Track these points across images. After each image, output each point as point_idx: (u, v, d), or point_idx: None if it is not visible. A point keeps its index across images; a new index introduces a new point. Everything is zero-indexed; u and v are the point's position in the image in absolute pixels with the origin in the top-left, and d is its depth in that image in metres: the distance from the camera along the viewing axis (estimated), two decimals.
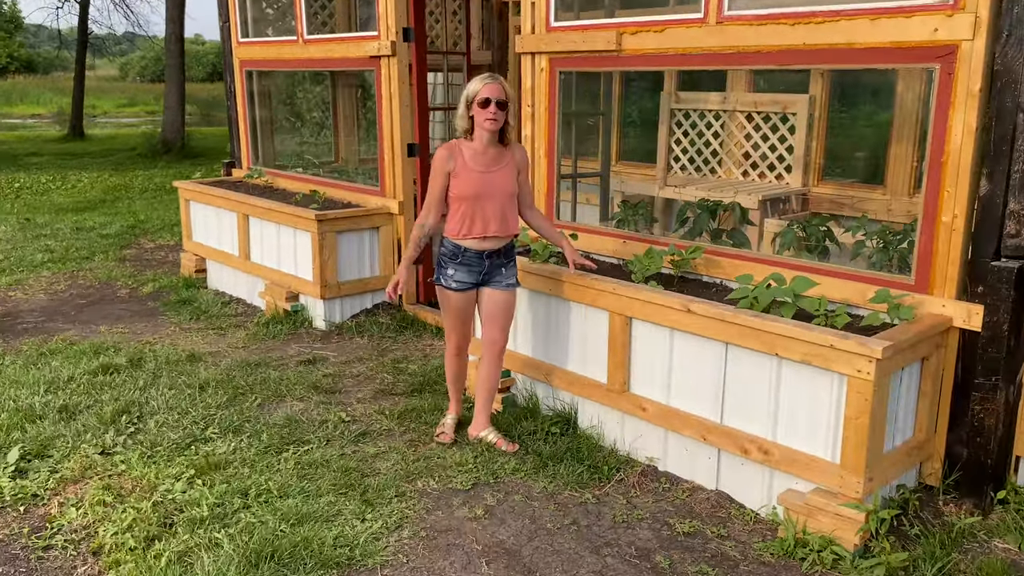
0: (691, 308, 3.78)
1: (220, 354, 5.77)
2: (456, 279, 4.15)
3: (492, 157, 4.13)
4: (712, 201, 4.83)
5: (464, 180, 4.07)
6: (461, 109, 4.05)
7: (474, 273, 4.16)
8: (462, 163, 4.08)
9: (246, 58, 7.80)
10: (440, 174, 4.09)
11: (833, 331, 3.38)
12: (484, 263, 4.16)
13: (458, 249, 4.12)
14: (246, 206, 6.84)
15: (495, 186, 4.10)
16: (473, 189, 4.06)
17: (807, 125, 6.81)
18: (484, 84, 3.98)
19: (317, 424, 4.59)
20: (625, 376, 4.17)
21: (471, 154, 4.10)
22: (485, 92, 3.97)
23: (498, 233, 4.13)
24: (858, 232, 4.38)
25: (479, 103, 3.97)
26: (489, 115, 3.98)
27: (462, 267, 4.14)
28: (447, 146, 4.13)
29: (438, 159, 4.10)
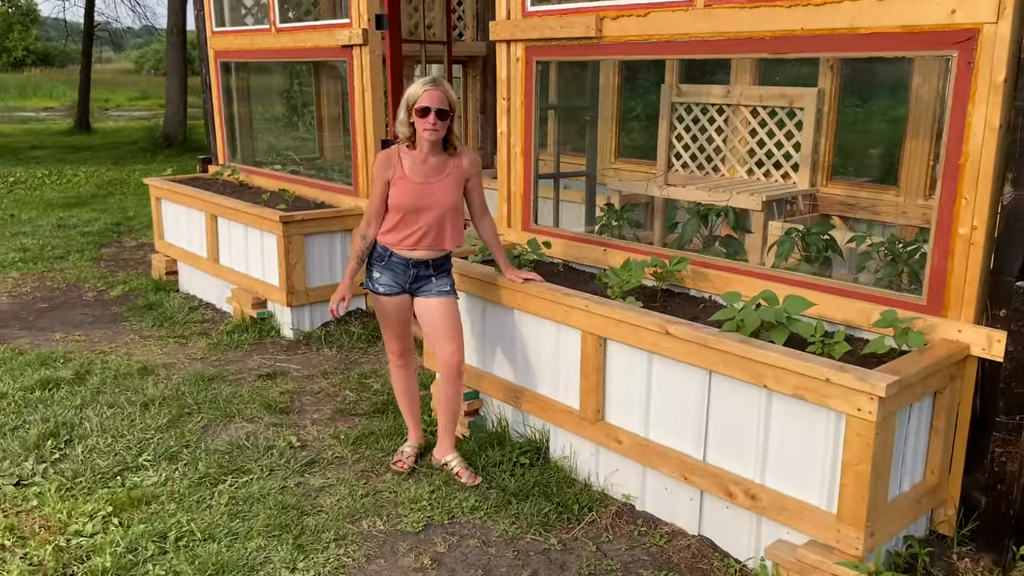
0: (670, 330, 3.32)
1: (175, 366, 5.36)
2: (382, 283, 3.82)
3: (433, 167, 3.73)
4: (703, 205, 4.37)
5: (401, 190, 3.68)
6: (401, 115, 3.67)
7: (400, 279, 3.80)
8: (400, 172, 3.71)
9: (220, 48, 7.38)
10: (379, 181, 3.74)
11: (830, 361, 2.91)
12: (410, 272, 3.79)
13: (385, 253, 3.78)
14: (214, 205, 6.42)
15: (433, 198, 3.70)
16: (409, 200, 3.68)
17: (815, 121, 6.33)
18: (424, 90, 3.58)
19: (262, 450, 4.17)
20: (599, 403, 3.72)
21: (411, 163, 3.71)
22: (424, 100, 3.57)
23: (431, 247, 3.76)
24: (863, 242, 3.89)
25: (417, 111, 3.59)
26: (428, 125, 3.60)
27: (387, 271, 3.80)
28: (386, 153, 3.76)
29: (377, 167, 3.75)
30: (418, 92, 3.59)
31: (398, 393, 4.08)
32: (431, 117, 3.59)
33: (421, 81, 3.63)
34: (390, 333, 3.93)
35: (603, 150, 7.98)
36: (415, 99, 3.59)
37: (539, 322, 3.95)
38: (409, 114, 3.63)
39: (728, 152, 6.79)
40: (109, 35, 31.83)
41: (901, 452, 3.05)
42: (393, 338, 3.94)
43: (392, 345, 3.97)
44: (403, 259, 3.75)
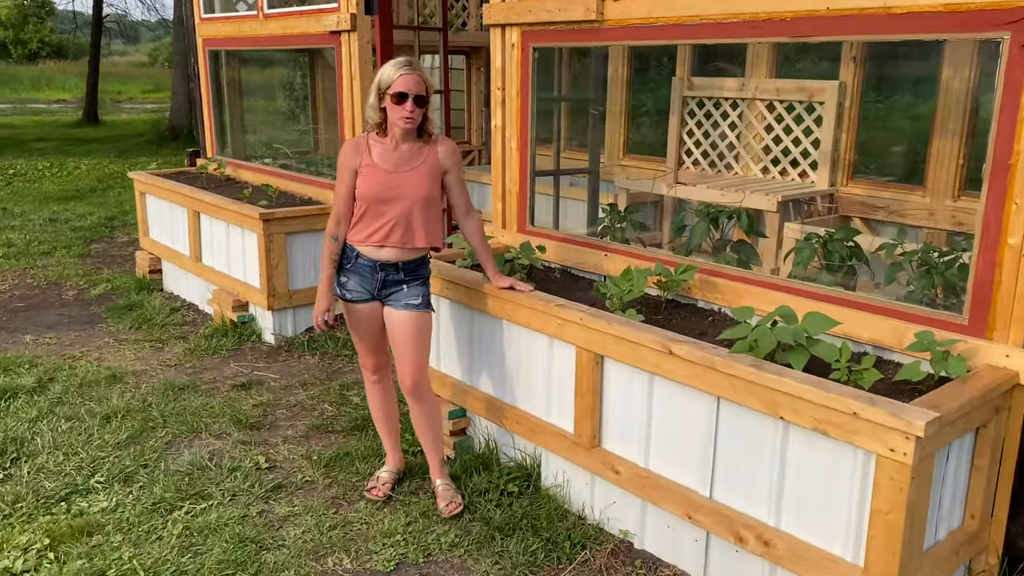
0: (673, 350, 2.92)
1: (146, 374, 5.01)
2: (350, 288, 3.44)
3: (404, 155, 3.36)
4: (713, 207, 3.98)
5: (367, 179, 3.32)
6: (372, 99, 3.29)
7: (367, 283, 3.42)
8: (368, 160, 3.34)
9: (208, 36, 7.02)
10: (346, 172, 3.37)
11: (857, 392, 2.51)
12: (377, 275, 3.39)
13: (352, 253, 3.40)
14: (195, 201, 6.07)
15: (403, 188, 3.33)
16: (375, 190, 3.31)
17: (836, 116, 5.92)
18: (400, 74, 3.21)
19: (226, 472, 3.80)
20: (594, 428, 3.33)
21: (381, 150, 3.35)
22: (401, 85, 3.20)
23: (399, 244, 3.36)
24: (895, 251, 3.48)
25: (392, 97, 3.22)
26: (405, 113, 3.23)
27: (354, 275, 3.42)
28: (353, 141, 3.40)
29: (343, 155, 3.38)
30: (393, 75, 3.21)
31: (374, 411, 3.70)
32: (408, 104, 3.23)
33: (395, 63, 3.26)
34: (362, 345, 3.56)
35: (611, 146, 7.58)
36: (389, 83, 3.22)
37: (530, 335, 3.57)
38: (380, 99, 3.26)
39: (742, 149, 6.39)
40: (119, 27, 31.59)
41: (938, 495, 2.65)
42: (366, 350, 3.57)
43: (365, 359, 3.59)
44: (369, 261, 3.37)
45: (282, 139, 7.70)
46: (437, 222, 3.46)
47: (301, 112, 7.67)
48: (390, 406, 3.69)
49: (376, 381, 3.64)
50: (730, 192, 5.76)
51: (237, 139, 7.38)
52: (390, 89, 3.22)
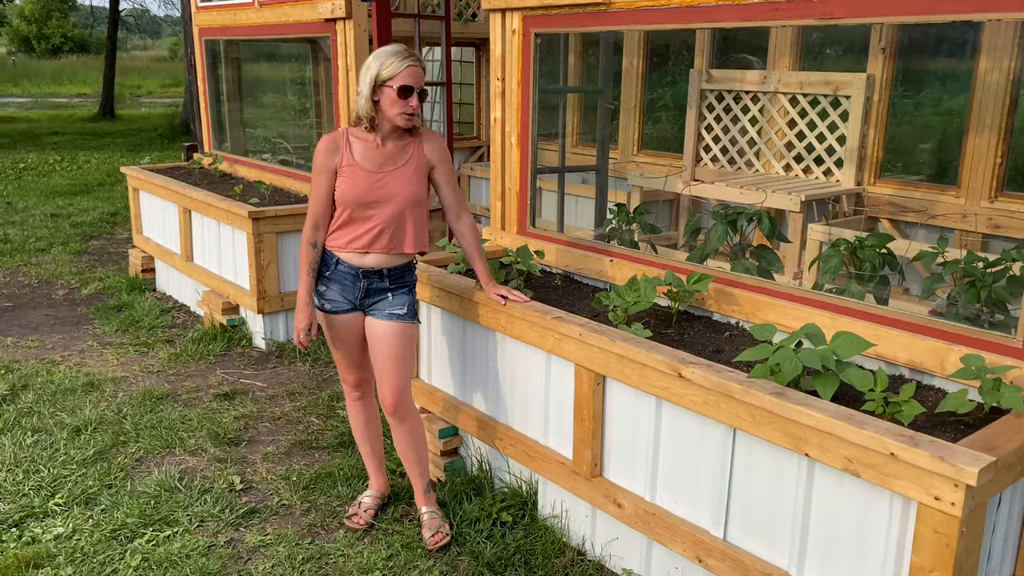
0: (684, 373, 2.58)
1: (125, 381, 4.72)
2: (328, 298, 3.11)
3: (390, 153, 3.03)
4: (731, 209, 3.63)
5: (349, 180, 2.99)
6: (365, 89, 2.92)
7: (348, 292, 3.09)
8: (349, 158, 3.01)
9: (205, 25, 6.73)
10: (323, 172, 3.02)
11: (896, 428, 2.16)
12: (360, 283, 3.07)
13: (331, 260, 3.08)
14: (185, 198, 5.78)
15: (389, 189, 3.00)
16: (358, 193, 2.98)
17: (864, 111, 5.55)
18: (405, 66, 2.87)
19: (197, 494, 3.50)
20: (596, 455, 3.00)
21: (363, 148, 3.02)
22: (406, 78, 2.88)
23: (387, 250, 3.04)
24: (934, 262, 3.12)
25: (397, 91, 2.88)
26: (409, 109, 2.91)
27: (333, 283, 3.09)
28: (330, 138, 3.04)
29: (319, 155, 3.03)
30: (396, 67, 2.87)
31: (356, 431, 3.39)
32: (414, 100, 2.90)
33: (396, 51, 2.90)
34: (343, 360, 3.24)
35: (625, 141, 7.24)
36: (393, 74, 2.87)
37: (526, 350, 3.24)
38: (374, 90, 2.91)
39: (763, 145, 6.03)
40: (135, 21, 31.51)
41: (987, 547, 2.30)
42: (347, 365, 3.25)
43: (346, 374, 3.27)
44: (351, 268, 3.05)
45: (281, 133, 7.41)
46: (425, 224, 3.14)
47: (301, 105, 7.37)
48: (373, 425, 3.37)
49: (358, 398, 3.32)
50: (750, 191, 5.41)
51: (235, 133, 7.09)
52: (392, 81, 2.87)
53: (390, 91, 2.88)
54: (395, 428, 3.19)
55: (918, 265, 3.44)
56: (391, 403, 3.12)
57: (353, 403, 3.33)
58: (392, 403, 3.12)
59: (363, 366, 3.24)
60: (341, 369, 3.27)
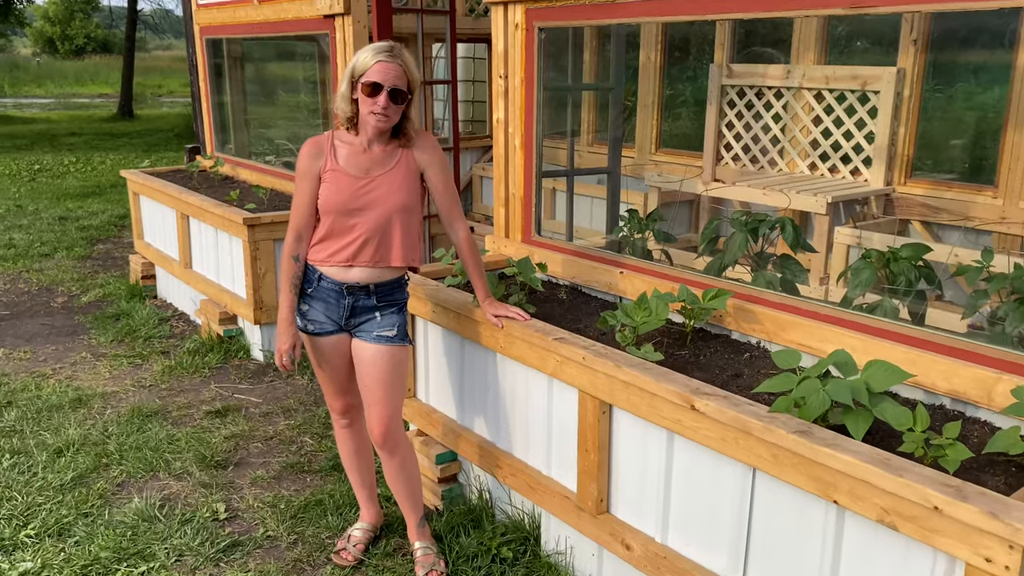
0: (697, 405, 2.31)
1: (115, 396, 4.51)
2: (311, 318, 2.86)
3: (377, 157, 2.78)
4: (752, 216, 3.35)
5: (332, 187, 2.74)
6: (343, 87, 2.71)
7: (333, 312, 2.83)
8: (332, 163, 2.76)
9: (205, 23, 6.53)
10: (305, 177, 2.79)
11: (941, 477, 1.88)
12: (344, 301, 2.81)
13: (313, 275, 2.83)
14: (183, 203, 5.57)
15: (374, 195, 2.75)
16: (341, 199, 2.73)
17: (893, 106, 5.25)
18: (376, 60, 2.64)
19: (178, 524, 3.27)
20: (602, 490, 2.73)
21: (348, 152, 2.78)
22: (375, 73, 2.64)
23: (372, 263, 2.79)
24: (978, 277, 2.82)
25: (364, 87, 2.65)
26: (377, 108, 2.66)
27: (316, 301, 2.84)
28: (314, 141, 2.81)
29: (302, 159, 2.80)
30: (368, 62, 2.64)
31: (345, 459, 3.13)
32: (381, 98, 2.65)
33: (374, 47, 2.68)
34: (329, 385, 2.99)
35: (642, 140, 6.95)
36: (363, 70, 2.65)
37: (527, 372, 2.98)
38: (353, 88, 2.69)
39: (787, 143, 5.74)
40: (154, 20, 31.53)
41: None
42: (334, 391, 3.00)
43: (333, 400, 3.03)
44: (334, 284, 2.80)
45: (284, 135, 7.19)
46: (417, 236, 2.88)
47: (306, 106, 7.15)
48: (364, 453, 3.12)
49: (346, 425, 3.07)
50: (773, 192, 5.11)
51: (238, 135, 6.88)
52: (364, 76, 2.64)
53: (362, 88, 2.66)
54: (385, 460, 2.94)
55: (960, 279, 3.15)
56: (379, 434, 2.87)
57: (341, 430, 3.08)
58: (380, 434, 2.87)
59: (351, 391, 3.00)
60: (327, 394, 3.03)
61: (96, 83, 37.97)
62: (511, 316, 2.93)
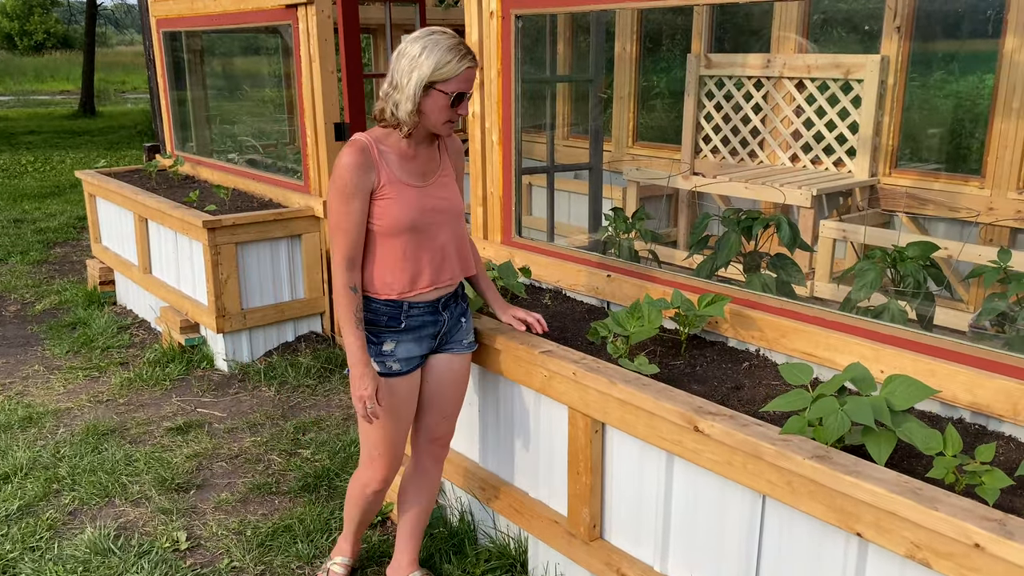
0: (701, 427, 2.11)
1: (69, 414, 4.24)
2: (399, 356, 2.46)
3: (425, 161, 2.46)
4: (744, 213, 3.17)
5: (400, 202, 2.37)
6: (411, 89, 2.26)
7: (427, 337, 2.51)
8: (389, 175, 2.37)
9: (162, 16, 6.22)
10: (356, 196, 2.32)
11: (978, 507, 1.70)
12: (442, 317, 2.52)
13: (398, 309, 2.44)
14: (140, 205, 5.28)
15: (441, 205, 2.46)
16: (413, 216, 2.38)
17: (877, 95, 5.10)
18: (464, 67, 2.27)
19: (134, 557, 3.02)
20: (595, 515, 2.53)
21: (397, 159, 2.39)
22: (463, 82, 2.29)
23: (455, 278, 2.54)
24: (994, 279, 2.64)
25: (448, 96, 2.29)
26: (456, 118, 2.36)
27: (408, 333, 2.47)
28: (357, 150, 2.33)
29: (348, 174, 2.31)
30: (456, 68, 2.25)
31: (361, 513, 2.74)
32: (464, 107, 2.35)
33: (455, 50, 2.26)
34: (396, 436, 2.52)
35: (619, 133, 6.76)
36: (450, 76, 2.26)
37: (511, 387, 2.77)
38: (426, 91, 2.27)
39: (767, 135, 5.57)
40: (114, 14, 30.86)
41: None
42: (392, 453, 2.54)
43: (384, 462, 2.55)
44: (427, 305, 2.47)
45: (249, 132, 6.90)
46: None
47: (270, 101, 6.87)
48: (376, 509, 2.77)
49: (380, 489, 2.64)
50: (756, 186, 4.94)
51: (199, 132, 6.59)
52: (446, 84, 2.27)
53: (440, 96, 2.28)
54: (432, 478, 2.72)
55: (971, 283, 2.98)
56: (443, 446, 2.71)
57: (372, 495, 2.64)
58: (444, 446, 2.72)
59: (400, 454, 2.61)
60: (386, 455, 2.54)
61: (57, 80, 37.13)
62: (532, 322, 2.71)
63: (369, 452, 2.56)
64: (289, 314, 4.87)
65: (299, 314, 4.91)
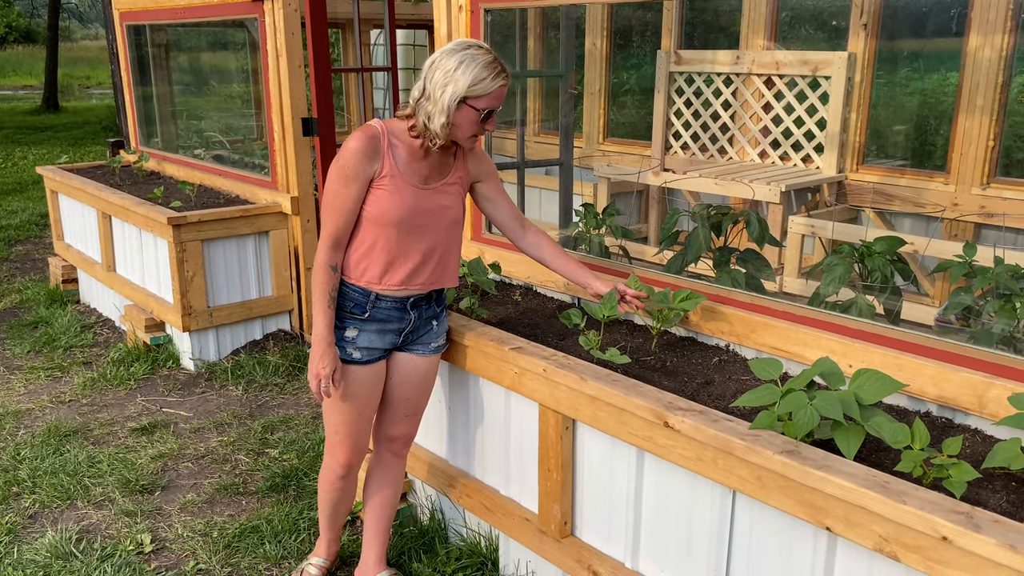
0: (671, 422, 2.10)
1: (30, 415, 4.15)
2: (360, 344, 2.45)
3: (435, 164, 2.42)
4: (714, 209, 3.17)
5: (395, 196, 2.34)
6: (445, 102, 2.21)
7: (391, 332, 2.49)
8: (392, 167, 2.34)
9: (125, 8, 6.11)
10: (356, 180, 2.31)
11: (945, 500, 1.70)
12: (409, 315, 2.50)
13: (366, 297, 2.43)
14: (103, 202, 5.19)
15: (435, 211, 2.42)
16: (404, 214, 2.36)
17: (845, 92, 5.15)
18: (498, 85, 2.24)
19: (96, 560, 2.96)
20: (565, 512, 2.52)
21: (406, 155, 2.36)
22: (495, 99, 2.26)
23: (432, 285, 2.51)
24: (960, 274, 2.67)
25: (479, 112, 2.25)
26: (483, 132, 2.32)
27: (370, 324, 2.45)
28: (367, 135, 2.31)
29: (353, 156, 2.29)
30: (490, 86, 2.22)
31: (331, 505, 2.72)
32: (491, 123, 2.31)
33: (491, 66, 2.22)
34: (357, 426, 2.52)
35: (590, 130, 6.76)
36: (484, 93, 2.22)
37: (481, 384, 2.75)
38: (459, 105, 2.22)
39: (737, 131, 5.60)
40: (78, 8, 30.36)
41: None
42: (353, 440, 2.54)
43: (345, 448, 2.55)
44: (396, 301, 2.45)
45: (215, 128, 6.80)
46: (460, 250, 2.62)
47: (237, 96, 6.77)
48: (349, 499, 2.74)
49: (346, 475, 2.62)
50: (725, 181, 4.96)
51: (164, 128, 6.48)
52: (479, 100, 2.23)
53: (471, 112, 2.24)
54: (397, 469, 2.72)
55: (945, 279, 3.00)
56: (404, 444, 2.71)
57: (338, 481, 2.63)
58: (405, 444, 2.72)
59: (364, 442, 2.60)
60: (345, 440, 2.54)
61: (19, 74, 36.42)
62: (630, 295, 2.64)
63: (331, 437, 2.57)
64: (257, 312, 4.80)
65: (267, 312, 4.85)
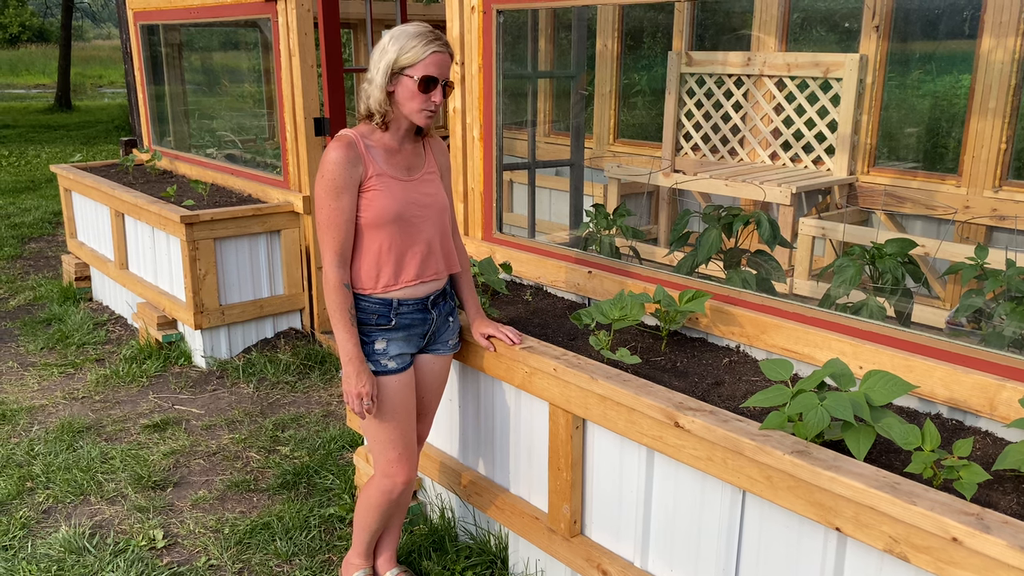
0: (681, 422, 2.11)
1: (44, 411, 4.18)
2: (392, 354, 2.44)
3: (411, 156, 2.46)
4: (725, 210, 3.18)
5: (386, 194, 2.36)
6: (379, 78, 2.29)
7: (416, 336, 2.49)
8: (376, 168, 2.36)
9: (139, 8, 6.15)
10: (346, 191, 2.32)
11: (956, 502, 1.71)
12: (430, 315, 2.50)
13: (388, 307, 2.42)
14: (117, 200, 5.22)
15: (427, 199, 2.45)
16: (399, 208, 2.37)
17: (856, 94, 5.14)
18: (430, 51, 2.27)
19: (109, 555, 2.98)
20: (575, 511, 2.53)
21: (383, 153, 2.39)
22: (430, 66, 2.27)
23: (440, 273, 2.51)
24: (971, 276, 2.66)
25: (417, 82, 2.28)
26: (431, 105, 2.32)
27: (399, 331, 2.44)
28: (344, 145, 2.33)
29: (337, 169, 2.30)
30: (420, 53, 2.26)
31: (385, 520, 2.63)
32: (437, 94, 2.31)
33: (420, 35, 2.27)
34: (405, 433, 2.47)
35: (600, 131, 6.76)
36: (414, 61, 2.26)
37: (492, 383, 2.76)
38: (390, 79, 2.30)
39: (748, 132, 5.59)
40: (91, 8, 30.52)
41: None
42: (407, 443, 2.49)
43: (406, 466, 2.50)
44: (416, 302, 2.46)
45: (227, 127, 6.83)
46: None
47: (250, 95, 6.81)
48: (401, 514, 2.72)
49: (404, 491, 2.54)
50: (736, 183, 4.96)
51: (177, 127, 6.52)
52: (413, 69, 2.27)
53: (409, 82, 2.28)
54: None
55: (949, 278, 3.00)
56: (421, 442, 2.73)
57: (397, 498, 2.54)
58: (422, 443, 2.73)
59: (414, 452, 2.57)
60: (404, 455, 2.49)
61: (32, 73, 36.66)
62: (501, 337, 2.64)
63: (387, 455, 2.49)
64: (268, 310, 4.83)
65: (278, 310, 4.87)
